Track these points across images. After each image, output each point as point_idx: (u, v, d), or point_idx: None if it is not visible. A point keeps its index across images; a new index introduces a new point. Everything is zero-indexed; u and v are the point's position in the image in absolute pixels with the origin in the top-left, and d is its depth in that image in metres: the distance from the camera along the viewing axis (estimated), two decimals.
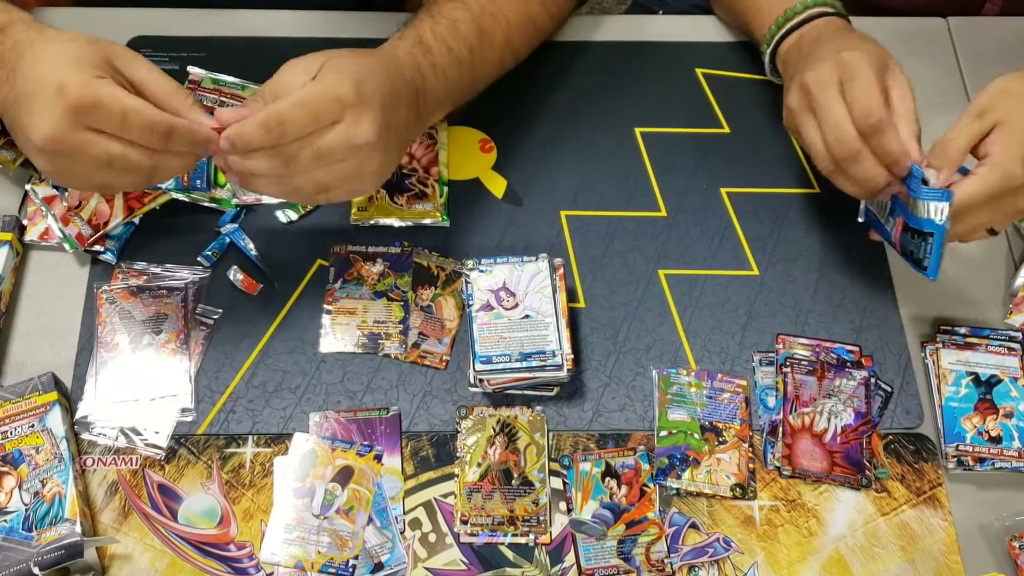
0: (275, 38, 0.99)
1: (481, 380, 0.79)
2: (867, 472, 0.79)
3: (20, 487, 0.73)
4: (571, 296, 0.86)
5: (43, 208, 0.85)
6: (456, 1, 0.84)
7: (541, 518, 0.77)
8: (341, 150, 0.69)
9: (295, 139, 0.68)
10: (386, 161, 0.73)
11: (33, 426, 0.75)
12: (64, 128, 0.64)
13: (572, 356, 0.78)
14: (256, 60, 0.95)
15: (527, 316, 0.79)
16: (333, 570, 0.74)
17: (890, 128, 0.74)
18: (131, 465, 0.78)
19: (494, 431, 0.80)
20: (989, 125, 0.74)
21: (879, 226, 0.82)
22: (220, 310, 0.84)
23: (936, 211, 0.74)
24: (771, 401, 0.82)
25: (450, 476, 0.79)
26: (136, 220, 0.86)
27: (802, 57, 0.83)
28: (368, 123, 0.69)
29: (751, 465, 0.79)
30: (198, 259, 0.86)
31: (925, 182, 0.74)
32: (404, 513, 0.77)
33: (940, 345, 0.84)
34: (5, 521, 0.72)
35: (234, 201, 0.87)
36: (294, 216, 0.88)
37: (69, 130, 0.64)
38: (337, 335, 0.83)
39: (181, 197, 0.87)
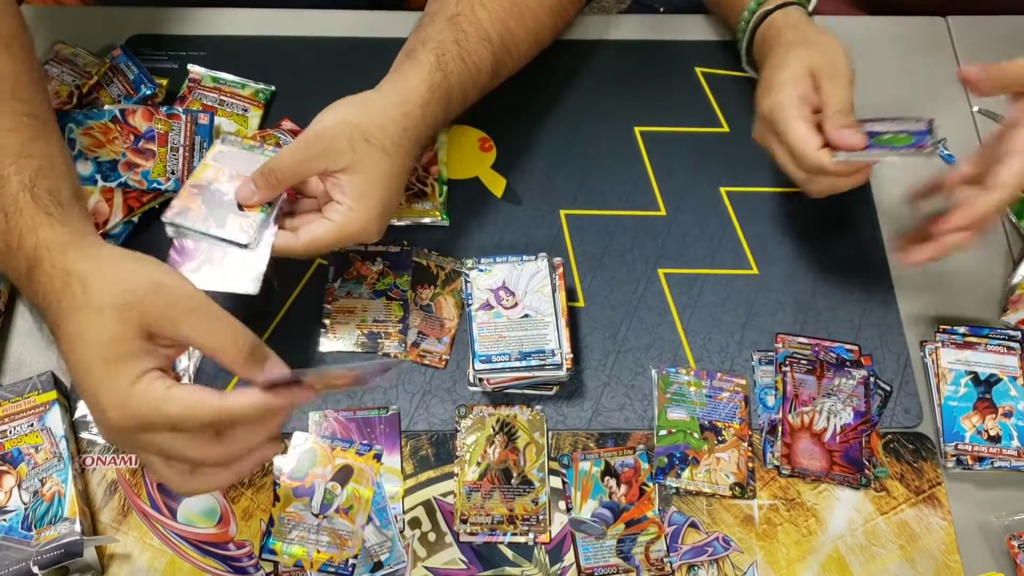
0: (275, 37, 0.99)
1: (480, 379, 0.79)
2: (866, 471, 0.79)
3: (19, 486, 0.73)
4: (570, 295, 0.86)
5: None
6: (485, 40, 0.83)
7: (540, 517, 0.77)
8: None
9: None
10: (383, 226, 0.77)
11: (32, 425, 0.75)
12: (119, 439, 0.63)
13: (571, 355, 0.78)
14: (256, 59, 0.96)
15: (526, 315, 0.79)
16: (332, 569, 0.74)
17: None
18: (130, 464, 0.78)
19: (493, 430, 0.80)
20: None
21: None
22: None
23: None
24: (770, 400, 0.82)
25: (449, 475, 0.79)
26: (135, 219, 0.86)
27: (764, 59, 0.85)
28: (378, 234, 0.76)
29: (750, 464, 0.79)
30: None
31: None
32: (403, 512, 0.77)
33: (939, 344, 0.84)
34: (4, 520, 0.72)
35: None
36: None
37: (125, 438, 0.62)
38: (337, 335, 0.83)
39: None
